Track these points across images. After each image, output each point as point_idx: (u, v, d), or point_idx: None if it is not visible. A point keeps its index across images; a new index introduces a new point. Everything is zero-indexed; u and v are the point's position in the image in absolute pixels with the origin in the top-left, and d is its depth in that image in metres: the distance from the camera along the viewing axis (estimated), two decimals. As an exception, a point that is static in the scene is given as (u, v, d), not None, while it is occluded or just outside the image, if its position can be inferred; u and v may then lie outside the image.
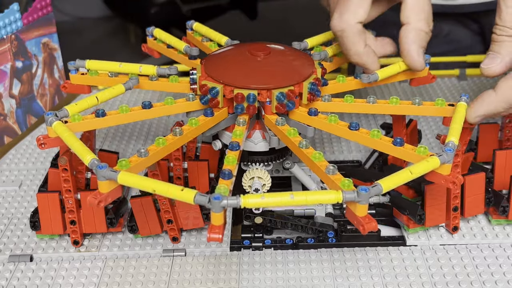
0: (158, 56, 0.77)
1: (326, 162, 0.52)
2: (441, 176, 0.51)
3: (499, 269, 0.58)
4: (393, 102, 0.60)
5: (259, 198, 0.46)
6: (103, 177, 0.48)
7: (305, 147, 0.54)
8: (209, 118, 0.58)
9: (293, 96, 0.58)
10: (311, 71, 0.60)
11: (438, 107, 0.60)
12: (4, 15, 0.73)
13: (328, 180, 0.51)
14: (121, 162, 0.50)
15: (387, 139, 0.54)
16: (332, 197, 0.46)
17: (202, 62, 0.62)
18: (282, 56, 0.62)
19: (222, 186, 0.47)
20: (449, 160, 0.51)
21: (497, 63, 0.59)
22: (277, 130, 0.58)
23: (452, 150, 0.51)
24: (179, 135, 0.55)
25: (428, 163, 0.50)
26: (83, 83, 0.68)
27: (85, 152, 0.51)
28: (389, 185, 0.48)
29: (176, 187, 0.46)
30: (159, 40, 0.75)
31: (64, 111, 0.57)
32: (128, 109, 0.59)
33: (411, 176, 0.49)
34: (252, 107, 0.57)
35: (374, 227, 0.47)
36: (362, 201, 0.47)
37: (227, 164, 0.51)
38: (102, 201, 0.49)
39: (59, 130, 0.55)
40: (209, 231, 0.46)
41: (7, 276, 0.59)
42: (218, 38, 0.72)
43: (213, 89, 0.58)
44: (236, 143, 0.54)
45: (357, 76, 0.64)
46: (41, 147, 0.56)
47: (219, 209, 0.45)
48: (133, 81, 0.63)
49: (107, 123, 0.59)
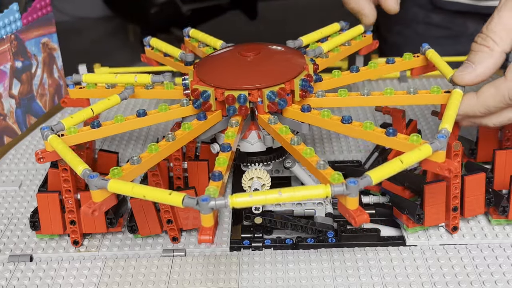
0: (156, 65, 0.78)
1: (317, 157, 0.52)
2: (436, 164, 0.50)
3: (499, 269, 0.58)
4: (387, 93, 0.60)
5: (247, 197, 0.46)
6: (95, 186, 0.49)
7: (296, 143, 0.54)
8: (202, 122, 0.58)
9: (284, 94, 0.58)
10: (302, 67, 0.60)
11: (433, 95, 0.59)
12: (4, 15, 0.73)
13: (319, 174, 0.50)
14: (113, 170, 0.51)
15: (380, 130, 0.54)
16: (320, 192, 0.46)
17: (194, 67, 0.63)
18: (272, 55, 0.63)
19: (212, 187, 0.47)
20: (442, 147, 0.50)
21: (468, 72, 0.58)
22: (270, 129, 0.58)
23: (444, 137, 0.50)
24: (172, 141, 0.56)
25: (420, 152, 0.49)
26: (82, 97, 0.69)
27: (78, 163, 0.51)
28: (378, 176, 0.47)
29: (164, 191, 0.47)
30: (156, 49, 0.75)
31: (60, 125, 0.58)
32: (123, 118, 0.59)
33: (402, 165, 0.48)
34: (244, 108, 0.58)
35: (366, 220, 0.46)
36: (352, 194, 0.46)
37: (218, 166, 0.51)
38: (96, 210, 0.49)
39: (54, 144, 0.55)
40: (200, 233, 0.47)
41: (7, 276, 0.59)
42: (213, 42, 0.72)
43: (204, 92, 0.58)
44: (228, 145, 0.54)
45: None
46: (40, 161, 0.56)
47: (208, 211, 0.46)
48: (128, 90, 0.64)
49: (102, 134, 0.59)
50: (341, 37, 0.72)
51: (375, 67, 0.66)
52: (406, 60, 0.67)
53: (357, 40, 0.73)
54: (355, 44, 0.73)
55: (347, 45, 0.72)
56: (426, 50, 0.66)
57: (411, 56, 0.67)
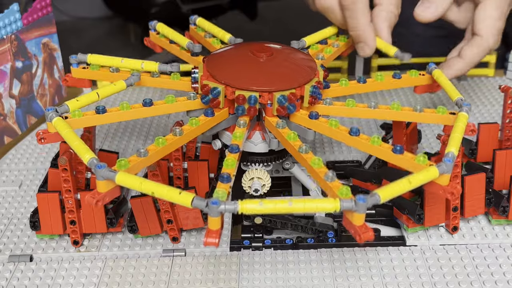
0: (160, 51, 0.76)
1: (325, 169, 0.51)
2: (440, 187, 0.51)
3: (499, 269, 0.58)
4: (394, 108, 0.60)
5: (257, 204, 0.45)
6: (101, 177, 0.48)
7: (304, 152, 0.53)
8: (210, 118, 0.58)
9: (294, 99, 0.57)
10: (313, 74, 0.60)
11: (439, 115, 0.59)
12: (4, 15, 0.73)
13: (327, 186, 0.50)
14: (120, 161, 0.50)
15: (387, 146, 0.54)
16: (329, 206, 0.46)
17: (204, 61, 0.62)
18: (284, 58, 0.62)
19: (221, 190, 0.47)
20: (448, 171, 0.50)
21: (432, 12, 0.69)
22: (277, 132, 0.57)
23: (451, 161, 0.50)
24: (179, 135, 0.55)
25: (427, 173, 0.50)
26: (84, 77, 0.67)
27: (84, 151, 0.50)
28: (387, 195, 0.47)
29: (175, 190, 0.46)
30: (162, 35, 0.75)
31: (64, 107, 0.57)
32: (129, 106, 0.58)
33: (410, 185, 0.49)
34: (253, 109, 0.57)
35: (370, 237, 0.47)
36: (359, 210, 0.46)
37: (226, 168, 0.51)
38: (100, 200, 0.48)
39: (59, 126, 0.54)
40: (206, 235, 0.46)
41: (7, 276, 0.59)
42: (222, 34, 0.71)
43: (215, 89, 0.57)
44: (236, 146, 0.54)
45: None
46: (41, 142, 0.55)
47: (217, 214, 0.45)
48: (135, 77, 0.63)
49: (107, 120, 0.58)
50: (319, 34, 0.73)
51: (381, 79, 0.66)
52: (412, 76, 0.67)
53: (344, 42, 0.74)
54: (343, 45, 0.74)
55: (336, 47, 0.73)
56: (433, 70, 0.66)
57: (416, 73, 0.67)
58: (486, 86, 0.94)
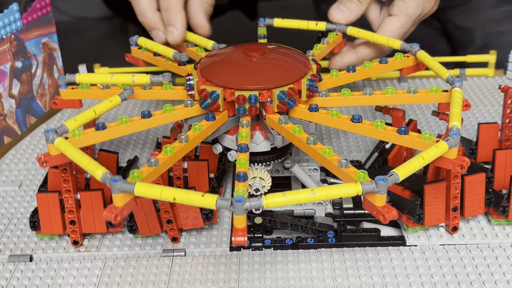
0: (143, 65, 0.77)
1: (337, 156, 0.52)
2: (449, 161, 0.53)
3: (499, 269, 0.58)
4: (389, 92, 0.61)
5: (281, 197, 0.46)
6: (118, 190, 0.47)
7: (313, 143, 0.54)
8: (212, 122, 0.58)
9: (293, 94, 0.58)
10: (307, 68, 0.61)
11: (433, 94, 0.61)
12: (4, 15, 0.73)
13: (342, 173, 0.51)
14: (133, 173, 0.49)
15: (392, 128, 0.55)
16: (352, 190, 0.48)
17: (196, 67, 0.62)
18: (276, 55, 0.63)
19: (241, 188, 0.47)
20: (455, 144, 0.52)
21: (344, 16, 0.74)
22: (281, 129, 0.58)
23: (457, 134, 0.52)
24: (185, 142, 0.55)
25: (438, 148, 0.51)
26: (74, 98, 0.66)
27: (95, 167, 0.49)
28: (405, 172, 0.49)
29: (197, 193, 0.46)
30: (145, 49, 0.74)
31: (63, 127, 0.56)
32: (128, 120, 0.58)
33: (423, 162, 0.50)
34: (254, 108, 0.58)
35: (394, 216, 0.48)
36: (381, 191, 0.48)
37: (240, 167, 0.51)
38: (118, 214, 0.47)
39: (62, 147, 0.53)
40: (233, 234, 0.46)
41: (7, 276, 0.59)
42: (204, 42, 0.72)
43: (213, 93, 0.58)
44: (245, 145, 0.54)
45: None
46: (43, 166, 0.54)
47: (242, 212, 0.45)
48: (128, 91, 0.62)
49: (108, 136, 0.58)
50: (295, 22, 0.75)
51: (369, 66, 0.68)
52: (398, 60, 0.69)
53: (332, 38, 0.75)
54: (332, 41, 0.74)
55: (326, 43, 0.74)
56: (417, 51, 0.68)
57: (401, 56, 0.69)
58: (486, 86, 0.94)
